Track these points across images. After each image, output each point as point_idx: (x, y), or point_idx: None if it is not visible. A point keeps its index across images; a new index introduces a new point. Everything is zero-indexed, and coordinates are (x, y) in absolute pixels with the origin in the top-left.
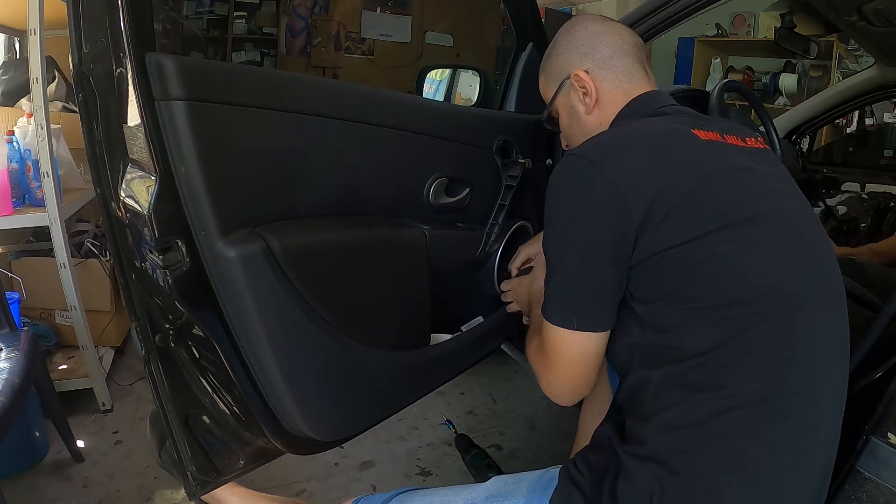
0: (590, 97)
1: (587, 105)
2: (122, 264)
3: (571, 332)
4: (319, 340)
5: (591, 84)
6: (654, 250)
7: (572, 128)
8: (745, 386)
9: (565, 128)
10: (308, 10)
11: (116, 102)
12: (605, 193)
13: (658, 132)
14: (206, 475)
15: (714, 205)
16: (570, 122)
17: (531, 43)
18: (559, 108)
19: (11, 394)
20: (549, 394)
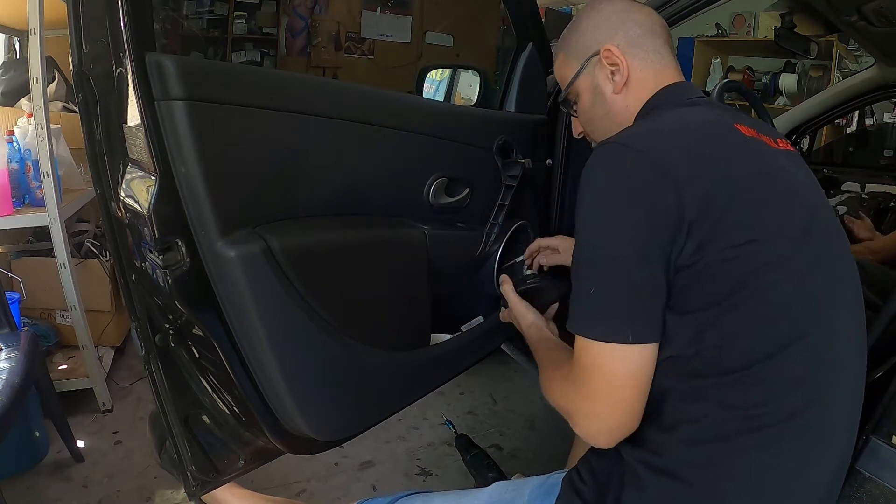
0: (620, 75)
1: (616, 84)
2: (122, 264)
3: (623, 347)
4: (319, 340)
5: (623, 61)
6: (708, 252)
7: (595, 110)
8: (780, 404)
9: (586, 110)
10: (308, 10)
11: (116, 102)
12: (657, 184)
13: (702, 123)
14: (206, 475)
15: (768, 210)
16: (594, 104)
17: (531, 43)
18: (581, 88)
19: (11, 394)
20: (591, 433)
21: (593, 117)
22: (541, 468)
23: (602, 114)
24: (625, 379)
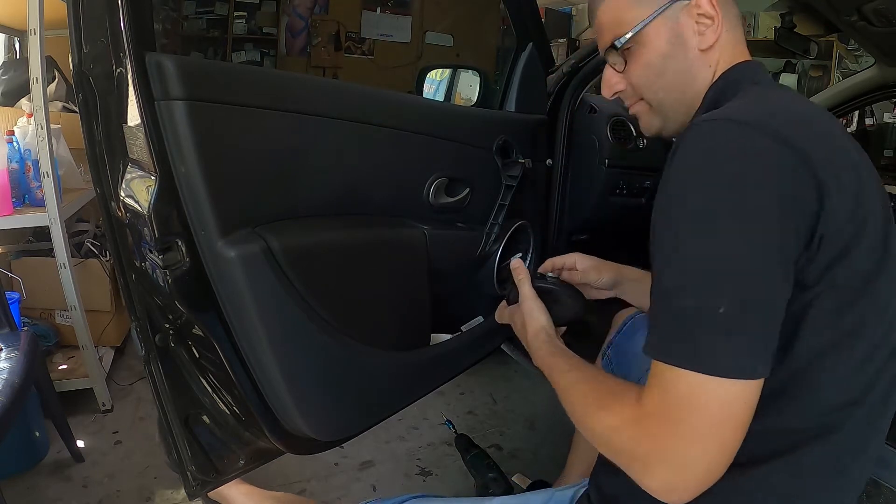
0: (713, 31)
1: (704, 40)
2: (122, 264)
3: (745, 382)
4: (319, 340)
5: (718, 15)
6: (844, 269)
7: (668, 64)
8: (857, 433)
9: (653, 63)
10: (308, 10)
11: (116, 102)
12: (796, 175)
13: (813, 108)
14: (206, 475)
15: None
16: (668, 57)
17: (531, 43)
18: (652, 35)
19: (11, 394)
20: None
21: (664, 72)
22: (541, 468)
23: (678, 70)
24: (736, 419)
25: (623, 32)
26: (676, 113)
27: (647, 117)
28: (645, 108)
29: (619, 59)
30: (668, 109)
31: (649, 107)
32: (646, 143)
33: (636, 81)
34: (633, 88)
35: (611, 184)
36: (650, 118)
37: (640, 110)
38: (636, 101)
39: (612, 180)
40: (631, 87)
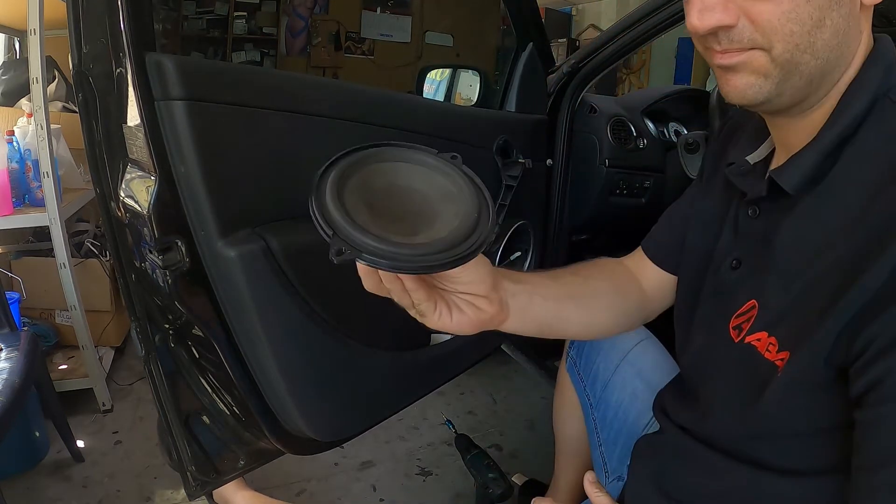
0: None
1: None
2: (122, 264)
3: None
4: (319, 340)
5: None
6: None
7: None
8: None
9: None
10: (308, 10)
11: (116, 102)
12: None
13: None
14: (206, 475)
15: None
16: (825, 6)
17: (531, 43)
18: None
19: (11, 394)
20: None
21: (822, 23)
22: (541, 468)
23: (837, 28)
24: None
25: None
26: (806, 84)
27: (756, 80)
28: (762, 63)
29: None
30: (798, 77)
31: (770, 63)
32: (646, 144)
33: (773, 21)
34: (757, 30)
35: (611, 184)
36: (760, 81)
37: (747, 65)
38: (743, 49)
39: (612, 180)
40: (751, 25)
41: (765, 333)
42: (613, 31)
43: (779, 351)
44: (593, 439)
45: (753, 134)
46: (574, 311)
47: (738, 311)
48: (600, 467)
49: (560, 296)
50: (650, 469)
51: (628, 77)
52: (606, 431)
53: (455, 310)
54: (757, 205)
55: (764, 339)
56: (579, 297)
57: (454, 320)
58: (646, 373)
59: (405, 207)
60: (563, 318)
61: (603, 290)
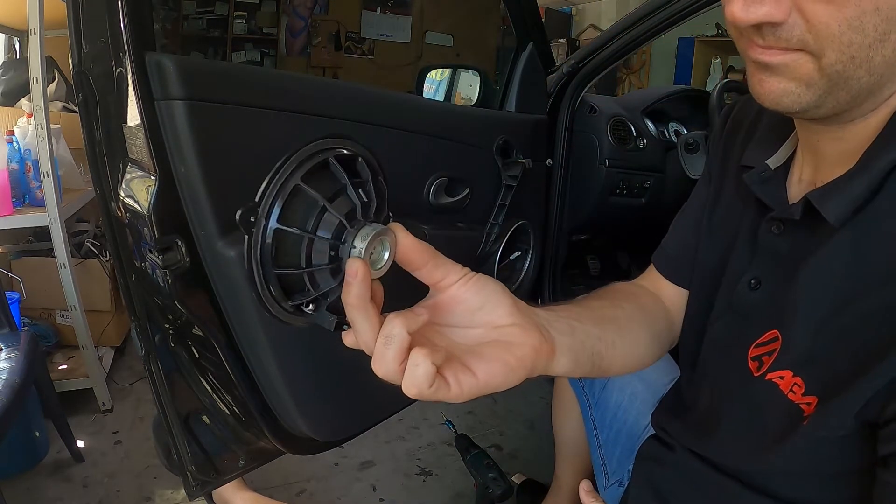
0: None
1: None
2: (122, 264)
3: None
4: (319, 340)
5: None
6: None
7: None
8: None
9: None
10: (308, 10)
11: (116, 102)
12: None
13: None
14: (206, 475)
15: None
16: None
17: (531, 43)
18: None
19: (11, 394)
20: None
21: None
22: (541, 468)
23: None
24: None
25: None
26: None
27: (797, 87)
28: (808, 69)
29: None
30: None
31: (817, 71)
32: (646, 144)
33: (832, 25)
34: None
35: (611, 184)
36: (801, 90)
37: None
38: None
39: (612, 180)
40: (804, 24)
41: (789, 372)
42: (613, 31)
43: (805, 394)
44: (592, 440)
45: (770, 132)
46: (617, 335)
47: (758, 340)
48: (600, 469)
49: (597, 319)
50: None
51: (628, 77)
52: (606, 432)
53: (477, 363)
54: (784, 222)
55: (788, 378)
56: (615, 321)
57: (482, 376)
58: (645, 373)
59: None
60: (611, 347)
61: (633, 312)
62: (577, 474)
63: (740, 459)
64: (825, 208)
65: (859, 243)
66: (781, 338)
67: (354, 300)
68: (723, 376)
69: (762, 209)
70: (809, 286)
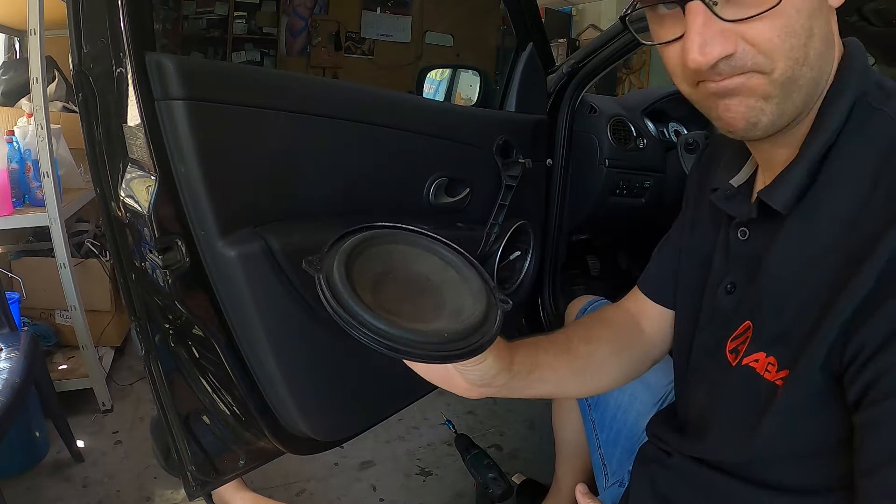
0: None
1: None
2: (122, 264)
3: None
4: (319, 340)
5: None
6: None
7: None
8: None
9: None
10: (308, 10)
11: (116, 102)
12: None
13: None
14: (206, 475)
15: None
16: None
17: (531, 43)
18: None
19: (11, 394)
20: None
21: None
22: (541, 468)
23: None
24: None
25: None
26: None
27: (757, 102)
28: (761, 85)
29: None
30: (798, 92)
31: (770, 84)
32: (646, 144)
33: (774, 39)
34: (759, 51)
35: (611, 184)
36: (761, 104)
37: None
38: (742, 73)
39: (612, 180)
40: (751, 48)
41: (762, 354)
42: (613, 31)
43: (779, 370)
44: (592, 441)
45: (733, 157)
46: (575, 384)
47: (734, 333)
48: (600, 469)
49: (564, 375)
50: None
51: (628, 77)
52: (606, 433)
53: None
54: (747, 227)
55: (762, 359)
56: (584, 371)
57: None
58: (645, 375)
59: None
60: (563, 390)
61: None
62: (577, 475)
63: (731, 453)
64: (772, 199)
65: (806, 224)
66: (753, 325)
67: None
68: (709, 379)
69: (731, 223)
70: (771, 272)
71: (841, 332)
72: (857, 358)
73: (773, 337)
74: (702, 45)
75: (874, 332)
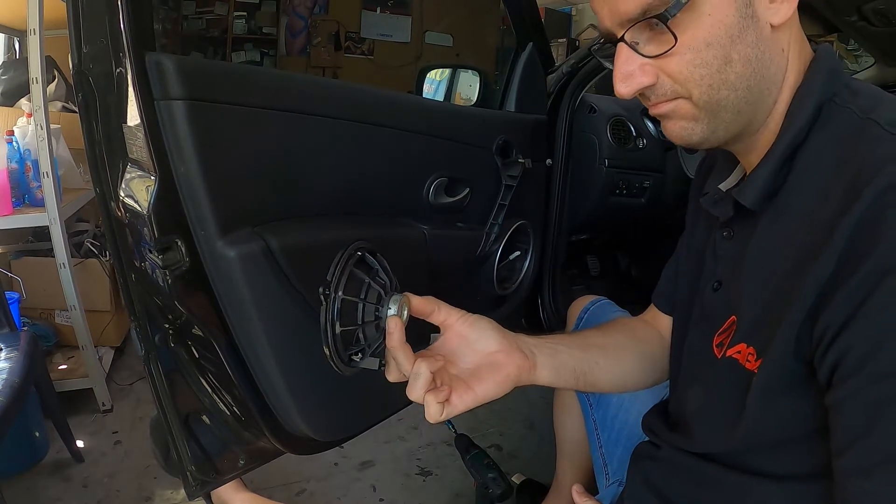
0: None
1: (777, 13)
2: (122, 264)
3: None
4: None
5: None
6: None
7: (735, 49)
8: None
9: (717, 44)
10: (308, 10)
11: (116, 102)
12: None
13: None
14: (205, 475)
15: None
16: (737, 37)
17: (531, 43)
18: (712, 4)
19: (11, 394)
20: None
21: (730, 59)
22: (541, 468)
23: (748, 58)
24: None
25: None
26: (736, 116)
27: (688, 123)
28: (687, 109)
29: (652, 38)
30: (725, 112)
31: (695, 108)
32: (645, 144)
33: (683, 71)
34: (674, 82)
35: (611, 184)
36: (692, 125)
37: (675, 112)
38: (670, 99)
39: (612, 180)
40: (669, 79)
41: (743, 345)
42: None
43: (756, 359)
44: (593, 440)
45: (723, 163)
46: (603, 359)
47: (720, 328)
48: (601, 469)
49: (585, 345)
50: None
51: None
52: (607, 433)
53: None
54: (730, 227)
55: (743, 350)
56: (604, 347)
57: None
58: None
59: None
60: (595, 365)
61: (626, 341)
62: (577, 474)
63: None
64: (741, 197)
65: (779, 218)
66: (736, 319)
67: (396, 344)
68: (698, 375)
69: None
70: (749, 267)
71: (807, 317)
72: (822, 341)
73: (751, 328)
74: (623, 78)
75: (835, 314)
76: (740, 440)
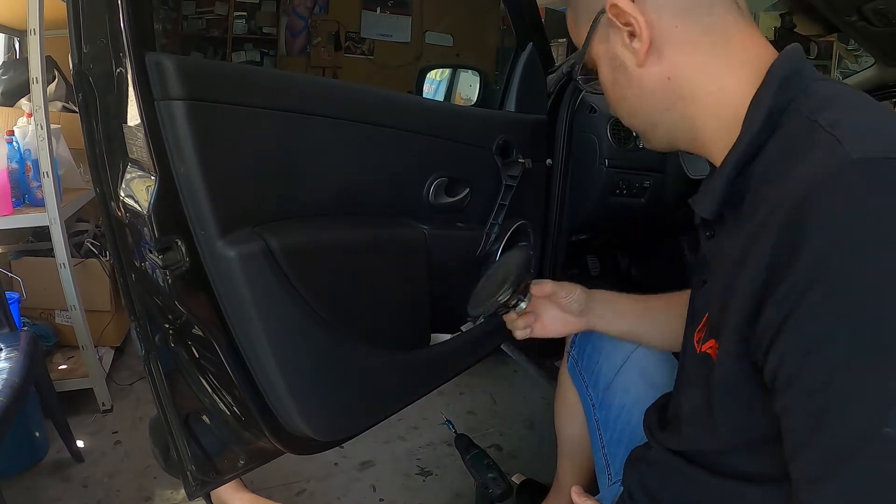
0: (639, 41)
1: (637, 53)
2: (122, 264)
3: None
4: (319, 340)
5: (640, 20)
6: None
7: (619, 89)
8: None
9: (609, 86)
10: (308, 10)
11: (116, 102)
12: None
13: None
14: (205, 475)
15: None
16: (611, 81)
17: (531, 43)
18: (596, 57)
19: (11, 394)
20: None
21: (623, 97)
22: (541, 468)
23: (631, 94)
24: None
25: (578, 55)
26: (671, 130)
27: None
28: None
29: (588, 83)
30: (658, 129)
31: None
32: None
33: (622, 114)
34: (622, 116)
35: (611, 184)
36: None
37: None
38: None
39: (612, 180)
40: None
41: (713, 340)
42: None
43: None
44: (596, 441)
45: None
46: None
47: (700, 325)
48: (603, 469)
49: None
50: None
51: None
52: (610, 433)
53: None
54: (711, 227)
55: (714, 345)
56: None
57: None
58: (650, 374)
59: None
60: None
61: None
62: (578, 474)
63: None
64: (697, 206)
65: (739, 223)
66: (708, 315)
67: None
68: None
69: None
70: (715, 269)
71: (748, 319)
72: (761, 346)
73: (715, 324)
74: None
75: (769, 319)
76: (719, 437)
